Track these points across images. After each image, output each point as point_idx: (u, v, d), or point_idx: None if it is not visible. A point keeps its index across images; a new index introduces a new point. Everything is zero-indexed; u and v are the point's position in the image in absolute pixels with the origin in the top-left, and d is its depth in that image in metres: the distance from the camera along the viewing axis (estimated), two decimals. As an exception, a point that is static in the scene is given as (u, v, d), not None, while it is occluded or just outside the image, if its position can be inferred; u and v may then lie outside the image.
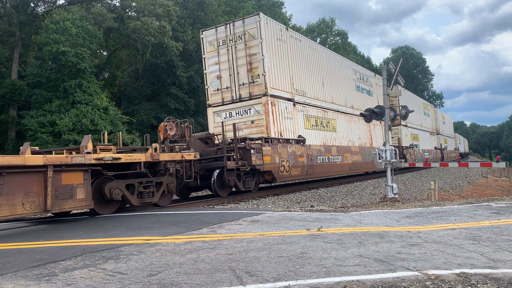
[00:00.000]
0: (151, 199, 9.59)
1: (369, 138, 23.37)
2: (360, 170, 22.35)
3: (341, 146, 19.19)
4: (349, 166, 19.87)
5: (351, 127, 21.11)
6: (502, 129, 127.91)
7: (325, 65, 19.29)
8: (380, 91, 25.50)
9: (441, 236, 5.28)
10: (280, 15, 49.10)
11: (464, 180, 27.46)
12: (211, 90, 15.66)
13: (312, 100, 17.47)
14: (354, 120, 21.49)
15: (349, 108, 21.31)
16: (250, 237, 5.49)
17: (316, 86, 18.01)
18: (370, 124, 22.74)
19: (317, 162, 16.61)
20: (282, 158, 14.26)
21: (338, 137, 19.23)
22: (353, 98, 22.04)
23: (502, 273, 3.60)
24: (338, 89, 20.18)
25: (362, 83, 23.90)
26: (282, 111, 14.97)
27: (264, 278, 3.60)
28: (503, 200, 9.35)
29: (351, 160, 20.10)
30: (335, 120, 19.36)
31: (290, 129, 15.42)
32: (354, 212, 8.22)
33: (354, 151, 20.54)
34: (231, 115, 15.31)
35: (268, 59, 14.45)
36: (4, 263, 4.44)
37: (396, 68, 13.70)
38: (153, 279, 3.67)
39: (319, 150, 17.04)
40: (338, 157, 18.79)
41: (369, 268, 3.84)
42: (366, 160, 21.99)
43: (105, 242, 5.48)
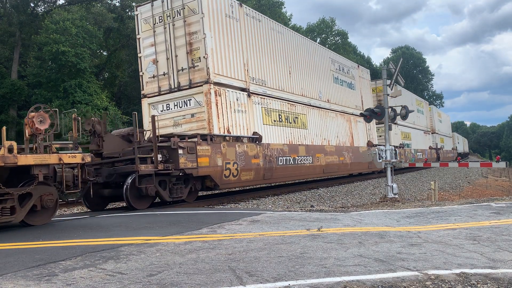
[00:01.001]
0: (8, 218, 6.84)
1: (349, 137, 21.03)
2: (337, 173, 19.60)
3: (312, 146, 16.66)
4: (322, 168, 17.25)
5: (327, 124, 18.62)
6: (502, 129, 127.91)
7: (294, 52, 16.69)
8: (364, 85, 24.09)
9: (441, 236, 5.28)
10: (280, 15, 49.09)
11: (464, 180, 27.47)
12: (147, 77, 13.14)
13: (275, 91, 14.97)
14: (330, 115, 19.11)
15: (325, 102, 18.80)
16: (250, 237, 5.49)
17: (281, 75, 15.51)
18: (351, 121, 21.20)
19: (278, 164, 14.18)
20: (227, 159, 11.80)
21: (309, 135, 16.69)
22: (330, 91, 19.49)
23: (502, 273, 3.60)
24: (310, 80, 17.58)
25: (342, 75, 21.30)
26: (232, 103, 12.54)
27: (264, 278, 3.60)
28: (503, 200, 9.35)
29: (325, 162, 17.55)
30: (306, 115, 16.79)
31: (243, 125, 12.97)
32: (354, 212, 8.22)
33: (329, 151, 18.03)
34: (168, 107, 12.79)
35: (212, 38, 12.01)
36: (4, 263, 4.44)
37: (396, 68, 13.70)
38: (153, 279, 3.67)
39: (282, 150, 14.61)
40: (308, 158, 16.20)
41: (369, 268, 3.84)
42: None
43: (105, 242, 5.48)
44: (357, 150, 21.28)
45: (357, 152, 21.15)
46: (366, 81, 24.80)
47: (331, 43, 62.13)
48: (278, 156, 14.29)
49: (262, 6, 46.70)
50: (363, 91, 23.99)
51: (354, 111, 21.86)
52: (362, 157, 21.31)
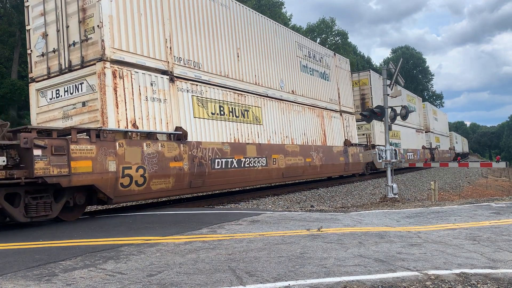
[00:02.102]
0: None
1: (321, 135, 17.86)
2: (302, 177, 16.43)
3: (267, 145, 13.82)
4: (280, 172, 14.40)
5: (291, 119, 15.59)
6: (502, 129, 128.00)
7: (245, 31, 13.72)
8: (343, 76, 21.15)
9: (441, 236, 5.28)
10: (280, 15, 49.13)
11: (464, 180, 27.47)
12: (35, 56, 10.44)
13: (215, 77, 12.03)
14: (296, 109, 16.06)
15: (288, 94, 15.78)
16: (250, 237, 5.49)
17: (225, 58, 12.59)
18: (324, 117, 18.24)
19: (214, 168, 11.30)
20: (127, 163, 8.88)
21: (264, 132, 13.86)
22: (296, 80, 16.48)
23: (502, 273, 3.60)
24: (268, 67, 14.68)
25: (313, 63, 18.15)
26: (143, 88, 9.78)
27: (264, 278, 3.60)
28: (503, 200, 9.35)
29: (285, 164, 14.64)
30: (260, 108, 13.86)
31: (160, 118, 10.10)
32: (354, 212, 8.22)
33: (291, 152, 15.11)
34: (58, 94, 10.01)
35: (112, 2, 9.38)
36: (4, 263, 4.44)
37: (396, 68, 13.70)
38: (153, 279, 3.67)
39: (220, 151, 11.62)
40: (260, 160, 13.26)
41: (369, 268, 3.84)
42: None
43: (105, 242, 5.48)
44: (330, 150, 18.29)
45: (330, 152, 18.20)
46: (345, 72, 21.82)
47: (331, 43, 62.15)
48: (214, 158, 11.33)
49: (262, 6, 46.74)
50: (341, 82, 20.93)
51: (328, 105, 19.02)
52: (337, 158, 18.79)
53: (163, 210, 9.35)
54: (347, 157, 19.79)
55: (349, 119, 21.23)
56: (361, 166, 21.77)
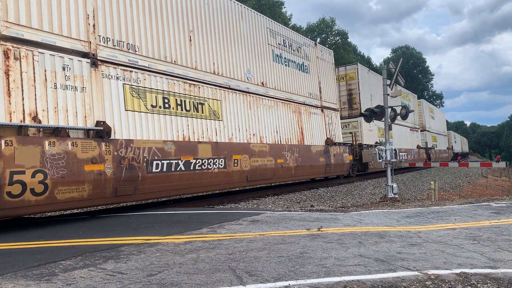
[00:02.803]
0: None
1: (297, 133, 15.95)
2: (272, 180, 14.37)
3: (227, 144, 11.92)
4: (244, 174, 12.45)
5: (260, 115, 13.78)
6: (502, 129, 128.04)
7: (200, 11, 11.83)
8: (325, 69, 19.26)
9: (441, 236, 5.28)
10: (280, 15, 49.13)
11: (464, 180, 27.47)
12: None
13: (157, 63, 10.15)
14: (266, 104, 14.24)
15: (257, 86, 13.89)
16: (250, 237, 5.49)
17: (172, 42, 10.67)
18: (301, 113, 16.39)
19: (151, 172, 9.41)
20: (18, 166, 7.00)
21: (224, 128, 12.00)
22: (267, 71, 14.59)
23: (502, 273, 3.60)
24: (230, 54, 12.72)
25: (290, 53, 16.26)
26: (52, 73, 7.95)
27: (264, 278, 3.60)
28: (503, 200, 9.36)
29: (251, 166, 12.72)
30: (220, 101, 12.00)
31: (77, 110, 8.28)
32: (354, 212, 8.23)
33: (258, 151, 13.24)
34: None
35: None
36: (4, 263, 4.44)
37: (396, 68, 13.70)
38: (153, 279, 3.67)
39: (160, 150, 9.70)
40: (217, 161, 11.38)
41: (369, 268, 3.84)
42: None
43: (105, 242, 5.48)
44: (308, 149, 16.33)
45: (307, 152, 16.27)
46: (328, 64, 19.85)
47: (331, 43, 62.18)
48: (151, 160, 9.44)
49: (262, 6, 46.75)
50: (322, 76, 18.94)
51: (307, 100, 17.09)
52: (316, 158, 16.80)
53: (163, 210, 9.36)
54: (328, 157, 17.86)
55: (332, 116, 19.27)
56: (345, 167, 19.95)
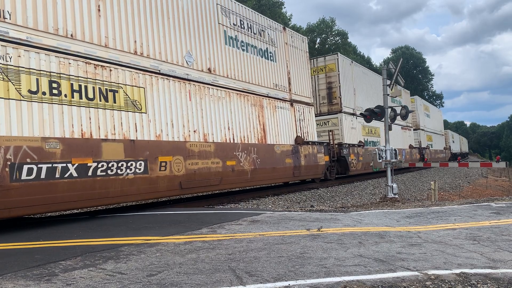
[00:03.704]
0: None
1: (258, 130, 13.63)
2: (220, 186, 11.73)
3: (151, 142, 9.59)
4: (177, 181, 10.12)
5: (205, 108, 11.41)
6: (502, 129, 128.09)
7: None
8: (295, 56, 16.64)
9: (441, 236, 5.28)
10: (280, 15, 49.13)
11: (464, 180, 27.47)
12: None
13: (43, 36, 7.88)
14: (214, 95, 11.85)
15: (202, 73, 11.46)
16: (250, 237, 5.49)
17: (69, 10, 8.40)
18: (264, 107, 14.07)
19: (20, 180, 7.08)
20: None
21: (150, 123, 9.70)
22: (217, 56, 12.15)
23: (502, 273, 3.61)
24: (161, 32, 10.36)
25: (249, 36, 13.81)
26: None
27: (264, 278, 3.60)
28: (503, 200, 9.36)
29: (186, 169, 10.34)
30: (144, 89, 9.70)
31: None
32: (354, 212, 8.23)
33: (200, 152, 10.85)
34: None
35: None
36: (4, 263, 4.44)
37: (396, 68, 13.70)
38: (153, 279, 3.67)
39: (36, 151, 7.38)
40: (134, 164, 9.00)
41: (369, 268, 3.84)
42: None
43: (105, 242, 5.48)
44: (271, 149, 13.98)
45: (270, 152, 13.89)
46: (301, 52, 17.23)
47: (331, 43, 62.20)
48: (21, 163, 7.09)
49: (262, 6, 46.75)
50: (293, 65, 16.40)
51: (272, 92, 14.67)
52: (280, 160, 14.40)
53: (163, 210, 9.36)
54: (297, 158, 15.39)
55: (304, 111, 16.67)
56: (320, 169, 17.33)
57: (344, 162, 19.98)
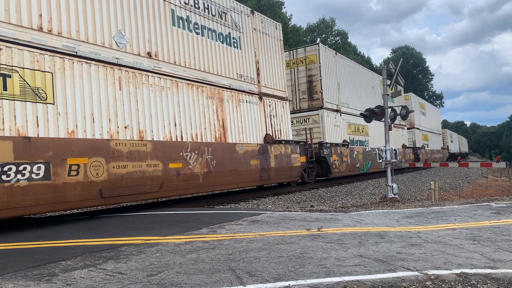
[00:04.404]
0: None
1: (216, 126, 11.78)
2: (158, 194, 9.79)
3: (55, 140, 7.73)
4: (95, 188, 8.23)
5: (142, 100, 9.64)
6: (502, 129, 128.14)
7: None
8: (266, 44, 14.80)
9: (441, 236, 5.28)
10: (280, 15, 49.13)
11: (464, 180, 27.47)
12: None
13: None
14: (156, 84, 10.07)
15: (138, 57, 9.69)
16: (250, 237, 5.49)
17: None
18: (225, 100, 12.24)
19: None
20: None
21: (59, 117, 7.93)
22: (161, 39, 10.36)
23: (502, 273, 3.60)
24: (80, 2, 8.59)
25: (206, 18, 11.89)
26: None
27: (264, 278, 3.60)
28: (503, 200, 9.36)
29: (109, 174, 8.49)
30: (51, 74, 7.92)
31: None
32: (354, 212, 8.23)
33: (129, 153, 9.01)
34: None
35: None
36: (4, 263, 4.44)
37: (396, 68, 13.69)
38: (153, 279, 3.67)
39: None
40: (27, 168, 7.18)
41: (369, 268, 3.84)
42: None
43: (105, 242, 5.48)
44: (232, 149, 12.21)
45: (231, 152, 12.11)
46: (273, 40, 15.32)
47: (331, 43, 62.19)
48: None
49: (262, 6, 46.74)
50: (263, 54, 14.56)
51: (235, 83, 12.82)
52: (244, 161, 12.56)
53: (163, 210, 9.36)
54: (266, 159, 13.58)
55: (277, 106, 14.90)
56: (295, 171, 15.47)
57: (325, 163, 18.16)
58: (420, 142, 36.62)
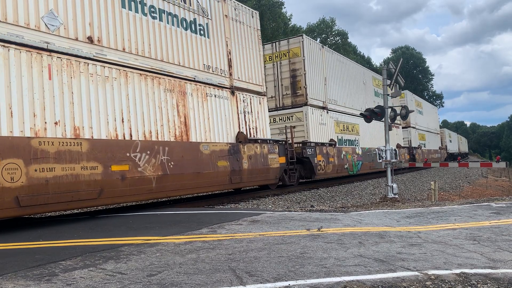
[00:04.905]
0: None
1: (177, 123, 10.47)
2: (97, 202, 8.47)
3: None
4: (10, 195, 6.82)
5: (80, 91, 8.36)
6: (502, 129, 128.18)
7: None
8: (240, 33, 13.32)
9: (441, 236, 5.28)
10: (280, 15, 49.13)
11: (464, 180, 27.47)
12: None
13: None
14: (98, 74, 8.80)
15: (76, 42, 8.42)
16: (250, 237, 5.49)
17: None
18: (188, 93, 10.83)
19: None
20: None
21: None
22: (106, 21, 9.08)
23: (502, 273, 3.61)
24: None
25: (167, 2, 10.71)
26: None
27: (264, 278, 3.60)
28: (503, 200, 9.36)
29: (28, 179, 7.08)
30: None
31: None
32: (354, 212, 8.23)
33: (57, 153, 7.61)
34: None
35: None
36: (4, 263, 4.44)
37: (396, 68, 13.69)
38: (153, 279, 3.67)
39: None
40: None
41: (369, 268, 3.84)
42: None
43: (105, 242, 5.48)
44: (195, 149, 10.80)
45: (193, 152, 10.73)
46: (248, 30, 13.89)
47: (331, 43, 62.21)
48: None
49: (262, 6, 46.73)
50: (236, 44, 13.07)
51: (201, 75, 11.41)
52: (210, 163, 11.19)
53: (163, 210, 9.36)
54: (237, 160, 12.17)
55: (252, 102, 13.55)
56: (272, 173, 14.12)
57: (309, 165, 16.81)
58: (416, 141, 35.32)
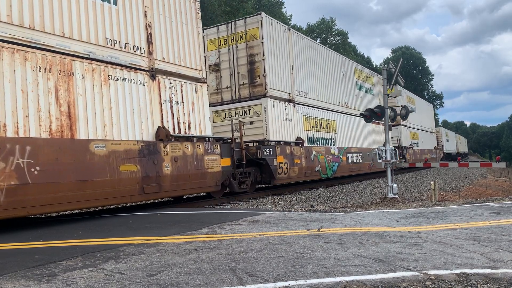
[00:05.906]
0: None
1: (53, 114, 7.62)
2: None
3: None
4: None
5: None
6: (502, 129, 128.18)
7: None
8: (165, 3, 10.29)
9: (441, 236, 5.28)
10: (280, 15, 49.16)
11: (464, 180, 27.47)
12: None
13: None
14: None
15: None
16: (250, 237, 5.49)
17: None
18: (78, 76, 8.15)
19: None
20: None
21: None
22: None
23: (502, 273, 3.60)
24: None
25: None
26: None
27: (264, 278, 3.60)
28: (503, 200, 9.35)
29: None
30: None
31: None
32: (354, 212, 8.23)
33: None
34: None
35: None
36: (4, 263, 4.44)
37: (396, 68, 13.69)
38: (153, 279, 3.67)
39: None
40: None
41: (369, 268, 3.84)
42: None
43: (105, 242, 5.48)
44: (83, 149, 8.06)
45: (79, 154, 7.96)
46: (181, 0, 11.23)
47: (331, 43, 62.22)
48: None
49: (262, 6, 46.75)
50: (161, 16, 10.42)
51: (100, 51, 8.77)
52: (108, 168, 8.41)
53: (163, 210, 9.36)
54: (154, 163, 9.50)
55: (185, 90, 10.93)
56: (212, 179, 11.36)
57: (268, 167, 14.05)
58: (407, 141, 32.65)
